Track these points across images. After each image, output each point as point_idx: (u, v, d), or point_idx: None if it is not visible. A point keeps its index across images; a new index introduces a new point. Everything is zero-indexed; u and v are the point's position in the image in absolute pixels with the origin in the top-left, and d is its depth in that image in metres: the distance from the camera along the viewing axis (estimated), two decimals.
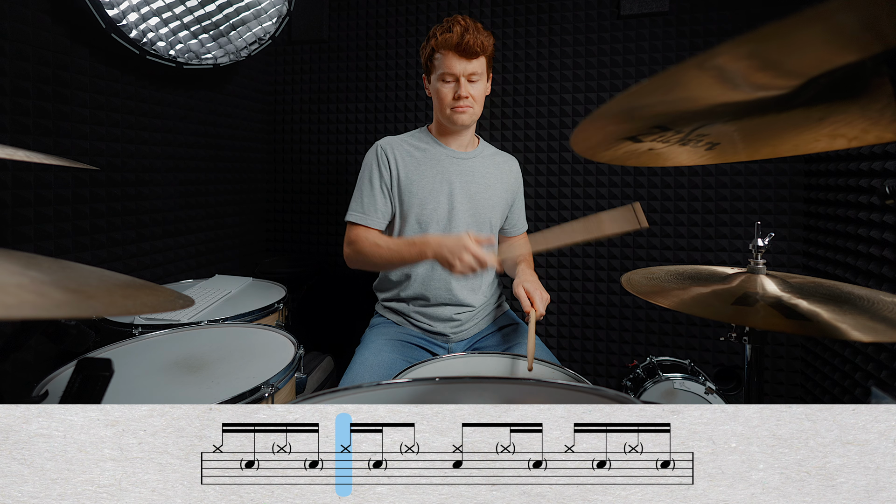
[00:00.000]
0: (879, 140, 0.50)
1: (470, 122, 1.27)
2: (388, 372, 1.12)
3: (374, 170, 1.29)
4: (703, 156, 0.63)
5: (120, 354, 1.00)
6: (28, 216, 1.22)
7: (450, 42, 1.17)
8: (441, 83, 1.23)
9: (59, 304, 0.37)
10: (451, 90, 1.22)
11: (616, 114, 0.48)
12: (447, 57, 1.19)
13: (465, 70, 1.19)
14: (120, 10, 1.33)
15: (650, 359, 1.67)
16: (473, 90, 1.21)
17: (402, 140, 1.34)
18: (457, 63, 1.19)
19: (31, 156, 0.72)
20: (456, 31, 1.17)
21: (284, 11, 1.83)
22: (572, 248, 1.99)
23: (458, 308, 1.31)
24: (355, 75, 2.21)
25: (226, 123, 2.00)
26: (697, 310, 0.69)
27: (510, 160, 1.43)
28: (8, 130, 1.17)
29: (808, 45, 0.32)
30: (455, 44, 1.17)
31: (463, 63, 1.19)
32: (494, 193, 1.34)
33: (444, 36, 1.18)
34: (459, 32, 1.16)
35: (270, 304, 1.34)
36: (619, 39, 1.93)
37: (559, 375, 0.96)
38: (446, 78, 1.21)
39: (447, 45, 1.18)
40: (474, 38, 1.17)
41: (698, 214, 1.87)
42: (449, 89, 1.22)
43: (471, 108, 1.23)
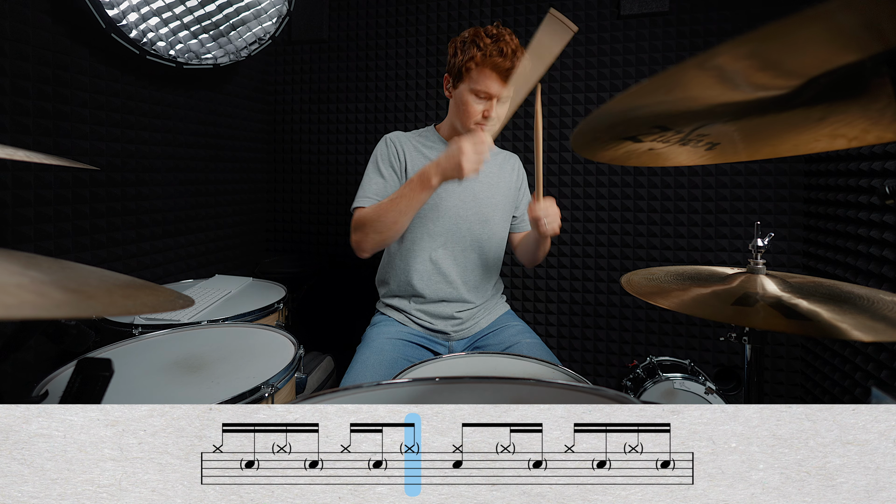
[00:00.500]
0: (879, 140, 0.50)
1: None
2: (390, 371, 1.12)
3: (384, 159, 1.28)
4: (703, 156, 0.63)
5: (120, 354, 1.00)
6: (28, 216, 1.22)
7: (500, 66, 1.12)
8: (472, 97, 1.18)
9: (59, 304, 0.37)
10: (482, 108, 1.18)
11: (616, 114, 0.48)
12: (488, 77, 1.14)
13: (500, 93, 1.16)
14: (120, 10, 1.33)
15: (650, 359, 1.67)
16: (500, 109, 1.18)
17: (410, 136, 1.34)
18: (498, 86, 1.15)
19: (31, 156, 0.72)
20: (507, 56, 1.12)
21: (284, 11, 1.83)
22: (572, 248, 1.99)
23: (459, 305, 1.31)
24: (355, 75, 2.21)
25: (226, 123, 2.00)
26: (697, 310, 0.69)
27: (512, 157, 1.43)
28: (8, 130, 1.17)
29: (808, 45, 0.32)
30: (505, 69, 1.12)
31: (503, 87, 1.15)
32: (498, 192, 1.34)
33: (494, 58, 1.12)
34: (510, 57, 1.12)
35: (270, 304, 1.34)
36: (619, 39, 1.93)
37: (559, 375, 0.96)
38: (480, 94, 1.17)
39: (495, 67, 1.13)
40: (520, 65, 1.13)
41: (698, 214, 1.87)
42: (480, 106, 1.18)
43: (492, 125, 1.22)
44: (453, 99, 1.25)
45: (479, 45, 1.14)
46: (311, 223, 2.32)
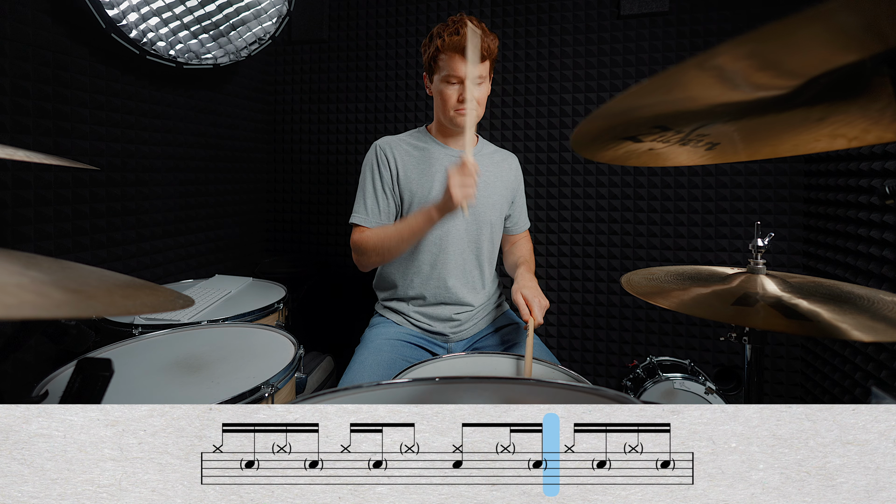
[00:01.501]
0: (879, 140, 0.50)
1: (472, 125, 1.26)
2: (388, 372, 1.12)
3: (374, 170, 1.29)
4: (703, 156, 0.63)
5: (120, 354, 1.00)
6: (28, 216, 1.22)
7: (457, 45, 1.15)
8: (445, 85, 1.21)
9: (59, 304, 0.37)
10: (455, 92, 1.20)
11: (616, 114, 0.48)
12: (453, 59, 1.17)
13: (471, 73, 1.17)
14: (120, 10, 1.33)
15: (650, 359, 1.67)
16: (477, 93, 1.20)
17: (400, 139, 1.34)
18: (463, 66, 1.17)
19: (31, 156, 0.72)
20: (463, 34, 1.14)
21: (284, 11, 1.83)
22: (572, 248, 1.99)
23: (458, 308, 1.31)
24: (355, 75, 2.21)
25: (226, 123, 2.00)
26: (697, 310, 0.69)
27: (509, 157, 1.43)
28: (8, 130, 1.17)
29: (808, 45, 0.32)
30: (462, 47, 1.15)
31: (471, 66, 1.16)
32: (494, 192, 1.34)
33: (451, 38, 1.16)
34: (466, 35, 1.14)
35: (270, 304, 1.34)
36: (619, 39, 1.93)
37: (559, 375, 0.96)
38: (451, 80, 1.20)
39: (454, 48, 1.16)
40: (484, 42, 1.16)
41: (698, 214, 1.87)
42: (453, 91, 1.20)
43: (474, 111, 1.22)
44: (433, 94, 1.28)
45: (441, 34, 1.19)
46: (311, 223, 2.32)
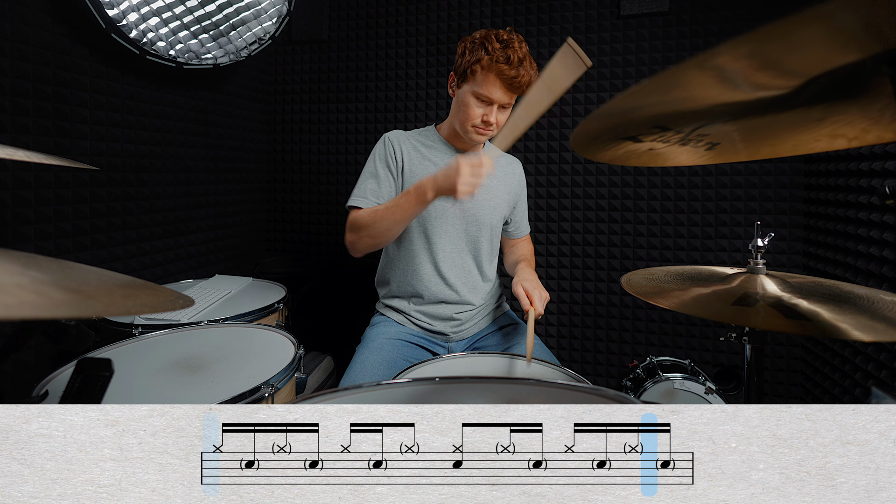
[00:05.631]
0: (879, 140, 0.50)
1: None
2: (389, 371, 1.12)
3: (381, 157, 1.28)
4: (703, 156, 0.63)
5: (120, 354, 1.00)
6: (28, 216, 1.22)
7: (504, 73, 1.11)
8: (474, 99, 1.17)
9: (59, 304, 0.37)
10: (481, 112, 1.18)
11: (616, 114, 0.48)
12: (492, 83, 1.13)
13: (502, 100, 1.16)
14: (120, 10, 1.33)
15: (650, 359, 1.67)
16: (501, 117, 1.19)
17: (409, 136, 1.33)
18: (500, 94, 1.15)
19: (31, 156, 0.72)
20: (514, 64, 1.11)
21: (284, 11, 1.83)
22: (572, 248, 1.99)
23: (458, 307, 1.31)
24: (355, 75, 2.21)
25: (226, 123, 2.00)
26: (697, 310, 0.69)
27: (514, 162, 1.43)
28: (8, 130, 1.17)
29: (808, 45, 0.32)
30: (509, 77, 1.12)
31: (506, 95, 1.15)
32: (496, 195, 1.34)
33: (500, 64, 1.11)
34: (516, 66, 1.11)
35: (270, 304, 1.34)
36: (619, 39, 1.93)
37: (559, 375, 0.96)
38: (482, 98, 1.17)
39: (500, 73, 1.12)
40: (526, 77, 1.13)
41: (698, 214, 1.87)
42: (479, 110, 1.18)
43: (492, 133, 1.21)
44: (456, 98, 1.24)
45: (488, 49, 1.13)
46: (311, 223, 2.32)
